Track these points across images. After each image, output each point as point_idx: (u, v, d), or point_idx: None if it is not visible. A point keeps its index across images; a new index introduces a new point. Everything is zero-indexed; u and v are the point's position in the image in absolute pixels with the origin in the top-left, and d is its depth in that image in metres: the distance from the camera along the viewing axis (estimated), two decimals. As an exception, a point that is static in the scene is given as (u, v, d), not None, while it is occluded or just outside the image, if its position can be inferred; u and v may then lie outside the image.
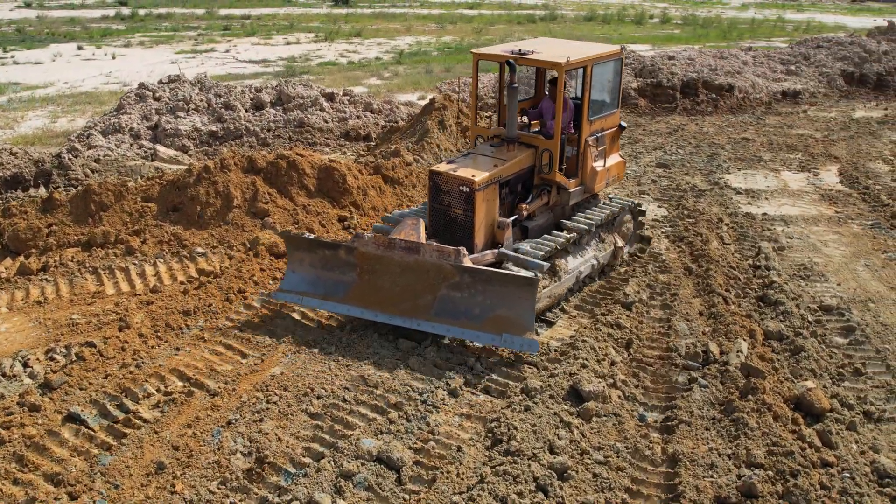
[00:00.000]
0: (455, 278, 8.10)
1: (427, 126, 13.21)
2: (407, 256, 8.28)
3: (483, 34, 44.62)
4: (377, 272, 8.42)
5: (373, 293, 8.36)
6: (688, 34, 46.89)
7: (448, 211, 8.89)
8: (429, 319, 8.12)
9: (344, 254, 8.53)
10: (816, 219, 12.43)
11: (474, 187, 8.57)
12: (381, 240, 8.40)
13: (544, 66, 9.31)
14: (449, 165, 8.97)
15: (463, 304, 8.12)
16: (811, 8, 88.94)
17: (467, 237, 8.81)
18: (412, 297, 8.24)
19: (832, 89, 24.49)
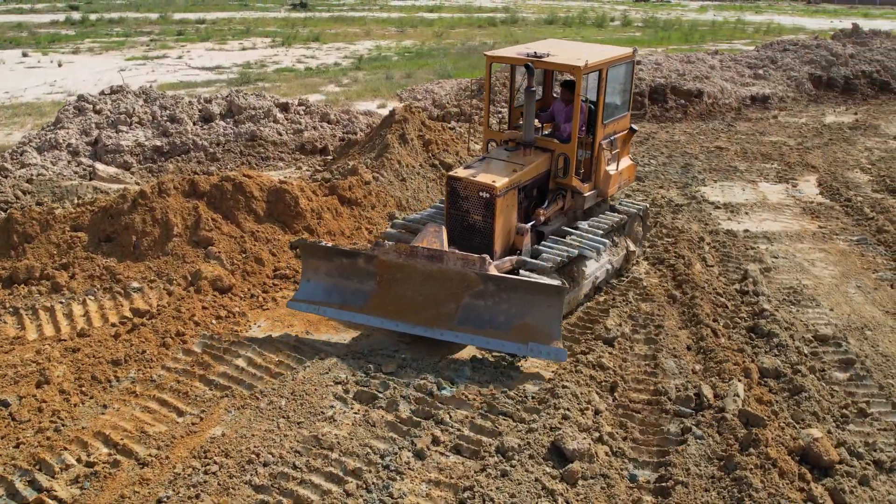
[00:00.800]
0: (479, 286, 7.89)
1: (387, 140, 12.32)
2: (430, 265, 8.05)
3: (444, 38, 43.89)
4: (398, 281, 8.17)
5: (393, 302, 8.14)
6: (650, 37, 46.55)
7: (466, 217, 8.71)
8: (451, 329, 7.90)
9: (363, 262, 8.25)
10: (800, 235, 11.76)
11: (495, 193, 8.39)
12: (403, 248, 8.15)
13: (562, 69, 9.20)
14: (467, 171, 8.77)
15: (487, 313, 7.92)
16: (769, 9, 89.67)
17: (486, 244, 8.63)
18: (434, 306, 8.02)
19: (801, 93, 24.06)
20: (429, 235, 8.37)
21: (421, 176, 12.39)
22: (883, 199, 13.55)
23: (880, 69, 25.81)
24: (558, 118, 9.93)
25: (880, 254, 11.20)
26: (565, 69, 9.12)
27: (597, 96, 9.26)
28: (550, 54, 9.20)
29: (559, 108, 9.97)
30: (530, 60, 8.87)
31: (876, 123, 20.46)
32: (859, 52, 26.87)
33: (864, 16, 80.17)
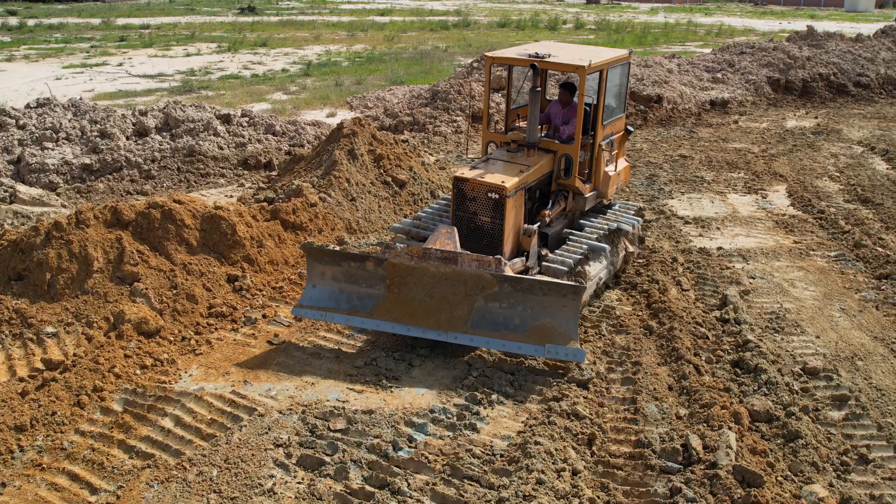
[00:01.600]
0: (494, 288, 7.74)
1: (334, 157, 11.38)
2: (443, 267, 7.87)
3: (395, 42, 42.98)
4: (409, 284, 7.99)
5: (404, 306, 7.96)
6: (603, 39, 46.18)
7: (474, 219, 8.61)
8: (466, 332, 7.76)
9: (373, 265, 8.06)
10: (776, 252, 11.11)
11: (505, 194, 8.31)
12: (416, 250, 7.97)
13: (565, 69, 9.17)
14: (474, 171, 8.70)
15: (502, 315, 7.79)
16: (717, 11, 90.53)
17: (495, 245, 8.53)
18: (448, 309, 7.86)
19: (760, 97, 23.65)
20: (441, 237, 8.20)
21: (372, 195, 11.49)
22: (856, 209, 13.00)
23: (837, 72, 25.57)
24: (556, 120, 9.88)
25: (860, 271, 10.59)
26: (569, 69, 9.07)
27: (597, 97, 9.28)
28: (551, 55, 9.23)
29: (556, 109, 9.95)
30: (535, 61, 8.84)
31: (838, 128, 20.07)
32: (815, 54, 26.61)
33: (811, 17, 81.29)
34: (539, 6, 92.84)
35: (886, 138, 18.91)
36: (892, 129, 20.21)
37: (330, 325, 8.44)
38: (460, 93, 19.01)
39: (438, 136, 17.39)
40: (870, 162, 16.38)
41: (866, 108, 23.72)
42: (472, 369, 7.67)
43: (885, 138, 18.92)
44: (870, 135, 19.41)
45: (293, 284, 9.30)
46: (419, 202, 12.06)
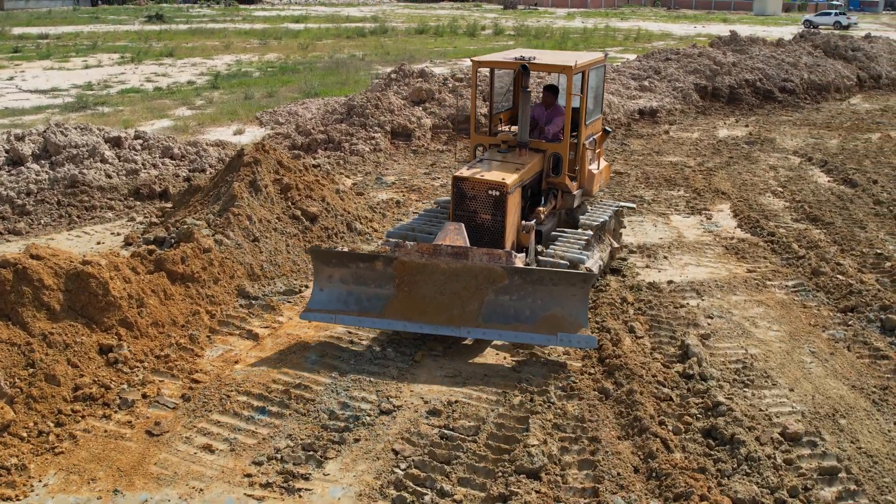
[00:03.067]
0: (504, 281, 7.88)
1: (233, 190, 9.87)
2: (453, 262, 7.99)
3: (310, 51, 41.33)
4: (419, 282, 8.05)
5: (415, 304, 8.00)
6: (523, 45, 45.38)
7: (474, 217, 8.75)
8: (478, 326, 7.89)
9: (381, 266, 8.12)
10: (731, 284, 10.08)
11: (505, 190, 8.53)
12: (426, 247, 8.09)
13: (553, 70, 10.01)
14: (472, 171, 8.89)
15: (513, 307, 7.93)
16: (633, 16, 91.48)
17: (496, 242, 8.67)
18: (459, 305, 7.94)
19: (688, 105, 22.98)
20: (450, 233, 8.29)
21: (279, 232, 10.02)
22: (806, 230, 12.13)
23: (762, 77, 25.17)
24: (539, 121, 10.14)
25: (823, 303, 9.63)
26: (556, 70, 9.85)
27: (580, 97, 9.59)
28: (535, 58, 9.53)
29: (539, 111, 10.23)
30: (524, 63, 9.16)
31: (770, 137, 19.46)
32: (740, 60, 26.19)
33: (723, 21, 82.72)
34: (457, 11, 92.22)
35: (821, 147, 18.33)
36: (824, 137, 19.69)
37: (225, 405, 6.96)
38: (378, 107, 17.64)
39: (356, 155, 15.99)
40: (810, 174, 15.66)
41: (794, 115, 23.31)
42: (401, 460, 6.31)
43: (820, 147, 18.33)
44: (804, 143, 18.82)
45: (183, 350, 7.78)
46: (333, 237, 10.65)
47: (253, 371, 7.52)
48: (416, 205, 13.06)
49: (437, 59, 37.47)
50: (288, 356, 7.83)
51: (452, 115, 17.61)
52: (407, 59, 36.57)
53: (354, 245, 10.88)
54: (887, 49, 33.75)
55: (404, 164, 16.02)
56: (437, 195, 13.65)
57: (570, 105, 9.38)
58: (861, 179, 14.85)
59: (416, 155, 16.78)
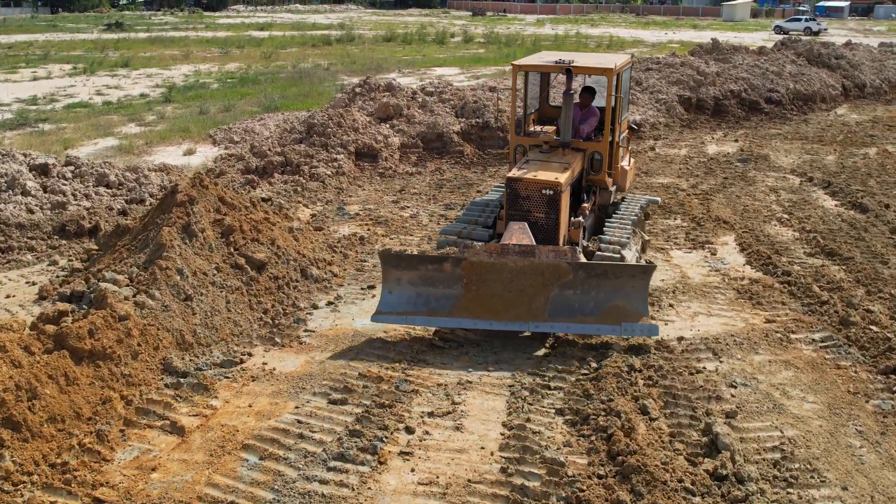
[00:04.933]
0: (569, 276, 8.18)
1: (161, 238, 8.23)
2: (521, 260, 8.25)
3: (273, 60, 39.63)
4: (487, 281, 8.31)
5: (483, 303, 8.26)
6: (494, 54, 44.13)
7: (528, 216, 9.10)
8: (545, 321, 8.16)
9: (450, 267, 8.34)
10: (750, 339, 8.62)
11: (559, 190, 8.95)
12: (494, 247, 8.39)
13: (595, 72, 10.37)
14: (522, 171, 9.25)
15: (577, 301, 8.20)
16: (602, 22, 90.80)
17: (550, 239, 9.08)
18: (526, 301, 8.22)
19: (672, 118, 21.65)
20: (516, 233, 8.66)
21: (218, 286, 8.40)
22: (823, 266, 10.75)
23: (747, 88, 23.99)
24: (574, 121, 10.29)
25: (858, 361, 8.22)
26: (598, 72, 10.18)
27: (614, 97, 10.05)
28: (575, 61, 10.05)
29: (575, 112, 10.32)
30: (567, 66, 9.65)
31: (763, 153, 18.16)
32: (724, 69, 24.98)
33: (693, 27, 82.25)
34: (425, 18, 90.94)
35: (818, 165, 17.05)
36: (819, 153, 18.43)
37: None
38: (340, 125, 16.06)
39: (315, 180, 14.38)
40: (814, 197, 14.32)
41: (783, 127, 22.08)
42: None
43: (818, 165, 17.05)
44: (800, 160, 17.53)
45: (87, 454, 6.14)
46: (285, 288, 9.06)
47: (173, 482, 5.90)
48: (383, 241, 11.49)
49: (406, 68, 35.97)
50: (220, 457, 6.22)
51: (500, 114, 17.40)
52: (374, 69, 35.07)
53: (310, 294, 9.32)
54: (868, 56, 32.79)
55: (370, 189, 14.44)
56: (405, 228, 12.10)
57: (609, 104, 10.05)
58: (871, 203, 13.53)
59: (383, 178, 15.21)
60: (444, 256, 8.51)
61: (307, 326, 8.58)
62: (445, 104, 18.27)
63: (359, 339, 8.31)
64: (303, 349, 8.05)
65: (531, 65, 10.52)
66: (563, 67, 9.69)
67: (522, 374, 7.66)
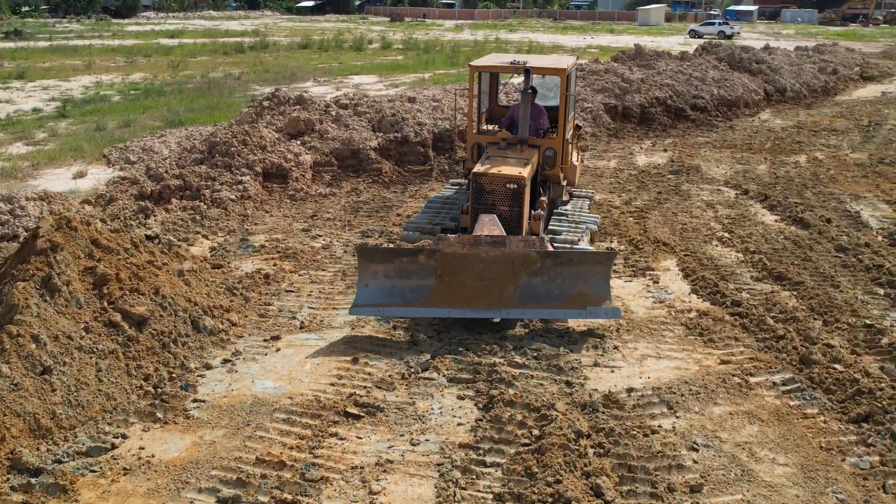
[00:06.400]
0: (537, 264, 8.53)
1: (13, 297, 6.77)
2: (493, 250, 8.54)
3: (181, 69, 37.70)
4: (459, 271, 8.55)
5: (456, 292, 8.51)
6: (413, 60, 43.08)
7: (493, 209, 9.61)
8: (515, 307, 8.51)
9: (424, 259, 8.56)
10: (706, 387, 7.65)
11: (523, 183, 9.60)
12: (467, 238, 8.65)
13: (549, 72, 11.05)
14: (486, 167, 9.75)
15: (544, 288, 8.58)
16: (521, 27, 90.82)
17: (514, 231, 9.58)
18: (497, 290, 8.53)
19: (599, 127, 20.90)
20: (487, 224, 9.11)
21: (86, 351, 6.97)
22: (773, 293, 9.94)
23: (672, 94, 23.46)
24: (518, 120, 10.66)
25: (826, 408, 7.35)
26: (551, 72, 10.84)
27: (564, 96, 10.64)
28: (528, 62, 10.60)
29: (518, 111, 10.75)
30: (526, 67, 10.11)
31: (694, 163, 17.50)
32: (648, 76, 24.41)
33: (610, 31, 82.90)
34: (343, 24, 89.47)
35: (752, 175, 16.44)
36: (750, 162, 17.88)
37: None
38: (246, 143, 14.67)
39: (217, 206, 12.97)
40: (752, 212, 13.61)
41: (710, 135, 21.58)
42: None
43: (751, 175, 16.45)
44: (732, 171, 16.91)
45: None
46: (171, 346, 7.70)
47: None
48: (291, 277, 10.20)
49: (322, 76, 34.57)
50: (73, 591, 4.89)
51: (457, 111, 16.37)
52: (288, 77, 33.58)
53: (202, 351, 7.98)
54: (787, 61, 32.90)
55: (278, 215, 13.09)
56: (316, 261, 10.83)
57: (563, 103, 10.65)
58: (812, 218, 12.87)
59: (294, 201, 13.88)
60: (419, 249, 8.84)
61: (197, 394, 7.24)
62: (361, 118, 17.03)
63: (259, 409, 7.01)
64: (190, 426, 6.72)
65: (487, 65, 11.09)
66: (520, 68, 10.19)
67: (453, 447, 6.50)
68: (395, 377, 7.60)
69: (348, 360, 7.94)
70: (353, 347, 8.22)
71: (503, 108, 12.68)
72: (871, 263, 10.87)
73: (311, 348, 8.22)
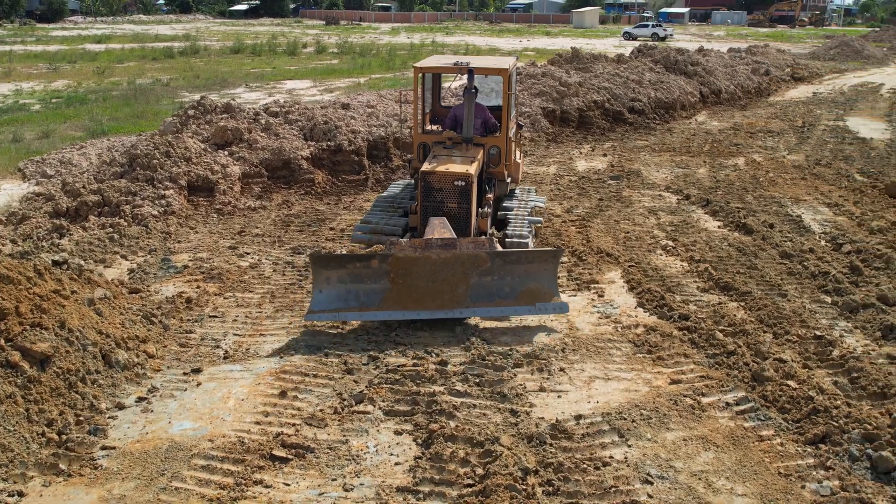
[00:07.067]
0: (487, 264, 8.73)
1: None
2: (443, 253, 8.70)
3: (107, 76, 36.35)
4: (412, 274, 8.68)
5: (409, 294, 8.67)
6: (348, 65, 42.37)
7: (441, 207, 9.71)
8: (467, 307, 8.73)
9: (377, 263, 8.69)
10: (657, 410, 7.26)
11: (470, 181, 9.65)
12: (418, 242, 8.80)
13: (492, 72, 11.24)
14: (434, 165, 9.82)
15: (495, 286, 8.81)
16: (457, 30, 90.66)
17: (463, 228, 9.71)
18: (449, 290, 8.71)
19: (538, 132, 20.61)
20: (437, 227, 9.18)
21: (-23, 398, 6.26)
22: (721, 305, 9.64)
23: (610, 98, 23.30)
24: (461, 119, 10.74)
25: (782, 429, 7.03)
26: (494, 72, 11.09)
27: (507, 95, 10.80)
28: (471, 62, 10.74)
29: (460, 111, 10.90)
30: (469, 67, 10.24)
31: (634, 168, 17.29)
32: (585, 79, 24.23)
33: (546, 34, 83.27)
34: (277, 28, 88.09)
35: (692, 179, 16.27)
36: (689, 165, 17.74)
37: None
38: (169, 155, 13.90)
39: (138, 223, 12.20)
40: (695, 218, 13.37)
41: (649, 138, 21.46)
42: None
43: (691, 180, 16.28)
44: (672, 175, 16.73)
45: None
46: (79, 385, 6.99)
47: None
48: (215, 301, 9.53)
49: (254, 81, 33.66)
50: None
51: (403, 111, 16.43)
52: (219, 83, 32.61)
53: (115, 389, 7.29)
54: (721, 62, 33.18)
55: (203, 231, 12.37)
56: (243, 282, 10.18)
57: (505, 102, 10.84)
58: (755, 224, 12.67)
59: (221, 216, 13.17)
60: (372, 254, 8.98)
61: (107, 439, 6.55)
62: (293, 126, 16.37)
63: (175, 455, 6.36)
64: (97, 478, 6.03)
65: (431, 66, 11.23)
66: (463, 68, 10.33)
67: (390, 491, 5.96)
68: (327, 411, 7.03)
69: (276, 393, 7.34)
70: (281, 379, 7.62)
71: (446, 108, 12.85)
72: (817, 270, 10.66)
73: (236, 381, 7.59)
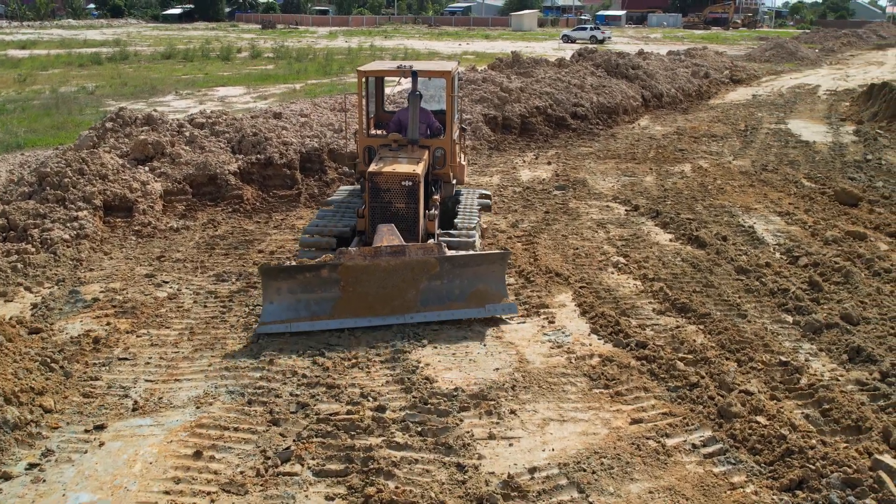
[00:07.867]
0: (436, 269, 8.87)
1: None
2: (393, 260, 8.78)
3: (29, 84, 34.62)
4: (362, 281, 8.76)
5: (360, 302, 8.75)
6: (284, 70, 41.27)
7: (389, 207, 9.80)
8: (418, 311, 8.85)
9: (327, 272, 8.70)
10: (619, 457, 6.57)
11: (417, 180, 9.73)
12: (368, 250, 8.87)
13: (435, 75, 11.34)
14: (380, 167, 9.85)
15: (445, 290, 8.96)
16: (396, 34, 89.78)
17: (412, 229, 9.84)
18: (399, 296, 8.82)
19: (480, 140, 19.94)
20: (385, 234, 9.26)
21: None
22: (679, 329, 9.03)
23: (552, 103, 22.78)
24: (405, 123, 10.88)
25: (754, 474, 6.40)
26: (437, 75, 11.30)
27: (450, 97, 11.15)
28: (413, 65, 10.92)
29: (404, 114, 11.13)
30: (413, 70, 10.46)
31: (580, 177, 16.72)
32: (527, 84, 23.66)
33: (485, 37, 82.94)
34: (211, 32, 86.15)
35: (639, 189, 15.75)
36: (636, 173, 17.24)
37: None
38: (83, 172, 12.80)
39: (46, 250, 11.12)
40: (645, 231, 12.80)
41: (593, 144, 20.96)
42: None
43: (638, 188, 15.75)
44: (619, 184, 16.19)
45: None
46: (-44, 454, 6.01)
47: None
48: (127, 339, 8.55)
49: (185, 88, 32.36)
50: None
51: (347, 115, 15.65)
52: (148, 91, 31.27)
53: (3, 450, 6.32)
54: (662, 65, 33.01)
55: (119, 257, 11.32)
56: (159, 317, 9.21)
57: (449, 105, 11.11)
58: (707, 236, 12.15)
59: (140, 239, 12.13)
60: (321, 263, 8.82)
61: (-14, 520, 5.62)
62: (220, 138, 15.37)
63: (67, 537, 5.44)
64: (-32, 574, 5.11)
65: (375, 70, 11.35)
66: (407, 71, 10.47)
67: (319, 576, 5.13)
68: (249, 475, 6.16)
69: (190, 454, 6.43)
70: (196, 435, 6.71)
71: (389, 113, 12.93)
72: (776, 287, 10.14)
73: (145, 439, 6.66)
